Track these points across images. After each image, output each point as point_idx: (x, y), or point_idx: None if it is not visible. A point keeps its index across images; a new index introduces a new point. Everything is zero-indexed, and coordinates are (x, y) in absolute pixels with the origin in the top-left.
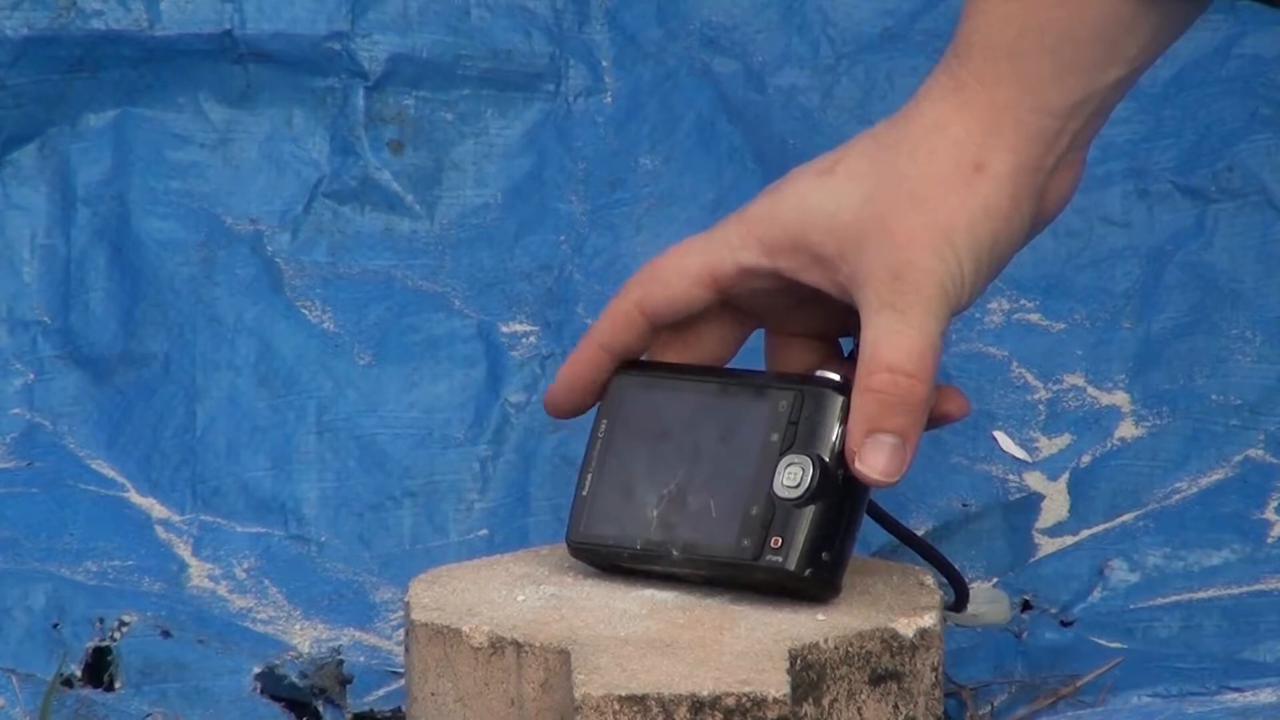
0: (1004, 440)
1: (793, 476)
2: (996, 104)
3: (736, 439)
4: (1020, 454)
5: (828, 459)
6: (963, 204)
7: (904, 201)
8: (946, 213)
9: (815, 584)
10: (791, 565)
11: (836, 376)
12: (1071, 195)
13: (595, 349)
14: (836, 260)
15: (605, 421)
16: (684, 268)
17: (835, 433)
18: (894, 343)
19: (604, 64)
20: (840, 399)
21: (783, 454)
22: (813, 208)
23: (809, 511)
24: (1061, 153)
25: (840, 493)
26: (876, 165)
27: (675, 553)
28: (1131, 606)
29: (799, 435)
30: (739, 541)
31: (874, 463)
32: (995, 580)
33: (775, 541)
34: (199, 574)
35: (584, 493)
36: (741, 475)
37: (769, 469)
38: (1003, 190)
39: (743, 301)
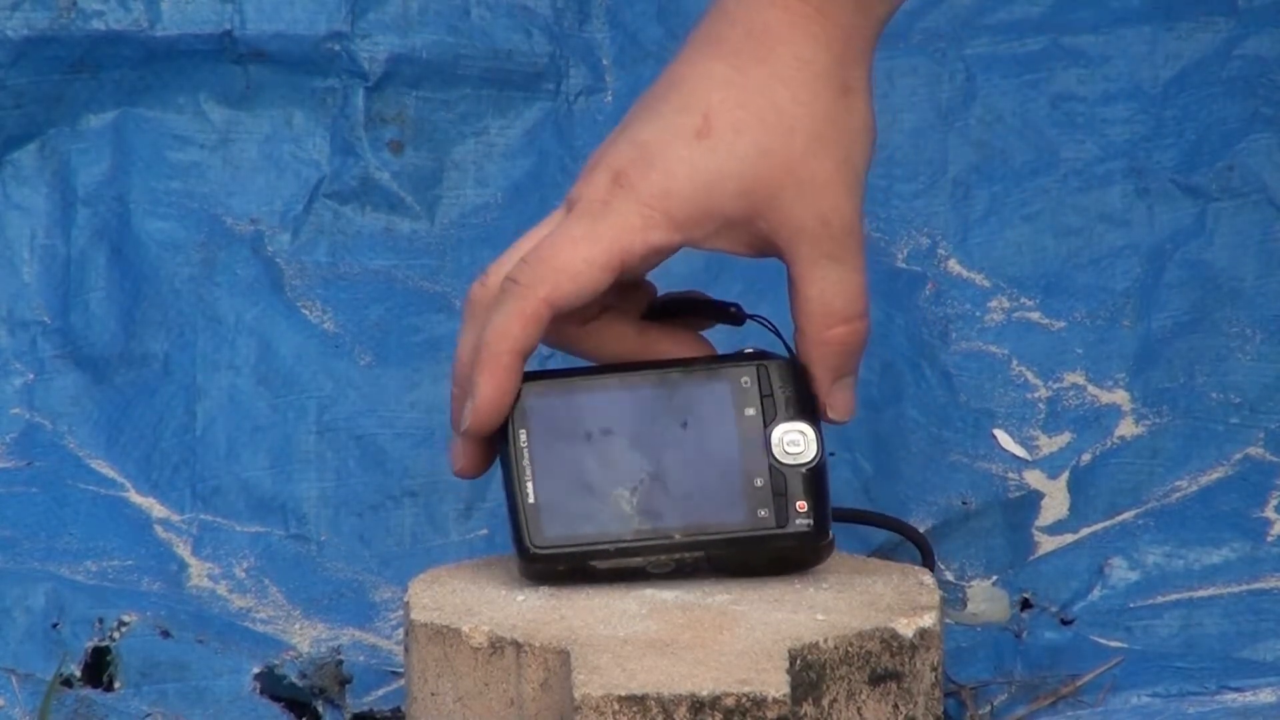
0: (1003, 438)
1: (795, 444)
2: (842, 27)
3: (704, 422)
4: (1020, 452)
5: (815, 425)
6: (852, 132)
7: (805, 146)
8: (844, 146)
9: (829, 545)
10: (821, 526)
11: (778, 352)
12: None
13: (515, 357)
14: (752, 220)
15: (523, 432)
16: (590, 257)
17: (812, 399)
18: (842, 292)
19: (604, 63)
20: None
21: (768, 425)
22: (711, 172)
23: (820, 475)
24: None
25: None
26: (757, 113)
27: (677, 536)
28: (1131, 605)
29: (780, 406)
30: (754, 513)
31: (842, 406)
32: (995, 578)
33: (800, 506)
34: (199, 574)
35: (531, 501)
36: (726, 453)
37: (759, 442)
38: (866, 106)
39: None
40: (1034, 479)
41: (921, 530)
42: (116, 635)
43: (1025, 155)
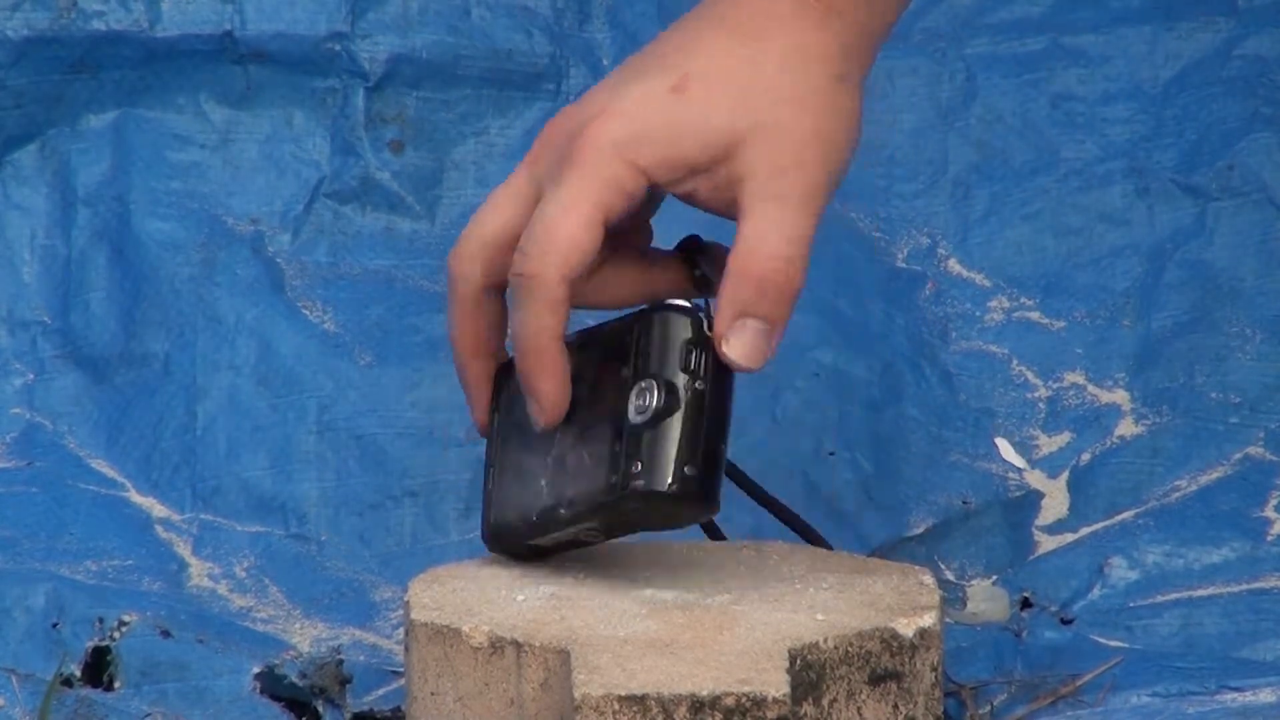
0: (1004, 447)
1: (642, 401)
2: (848, 24)
3: (599, 388)
4: (1020, 462)
5: (672, 377)
6: (838, 111)
7: (785, 108)
8: (827, 119)
9: (684, 499)
10: (655, 485)
11: (683, 301)
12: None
13: (558, 344)
14: (716, 167)
15: (496, 417)
16: (586, 219)
17: (678, 350)
18: (778, 229)
19: (605, 63)
20: (684, 318)
21: (633, 383)
22: (680, 122)
23: (661, 430)
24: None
25: (695, 406)
26: (740, 79)
27: (563, 511)
28: (1131, 604)
29: (644, 363)
30: (609, 480)
31: (739, 346)
32: (995, 578)
33: (635, 466)
34: (199, 573)
35: (489, 487)
36: (605, 419)
37: (624, 403)
38: (858, 102)
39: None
40: (1034, 479)
41: (921, 530)
42: (116, 635)
43: (1025, 155)
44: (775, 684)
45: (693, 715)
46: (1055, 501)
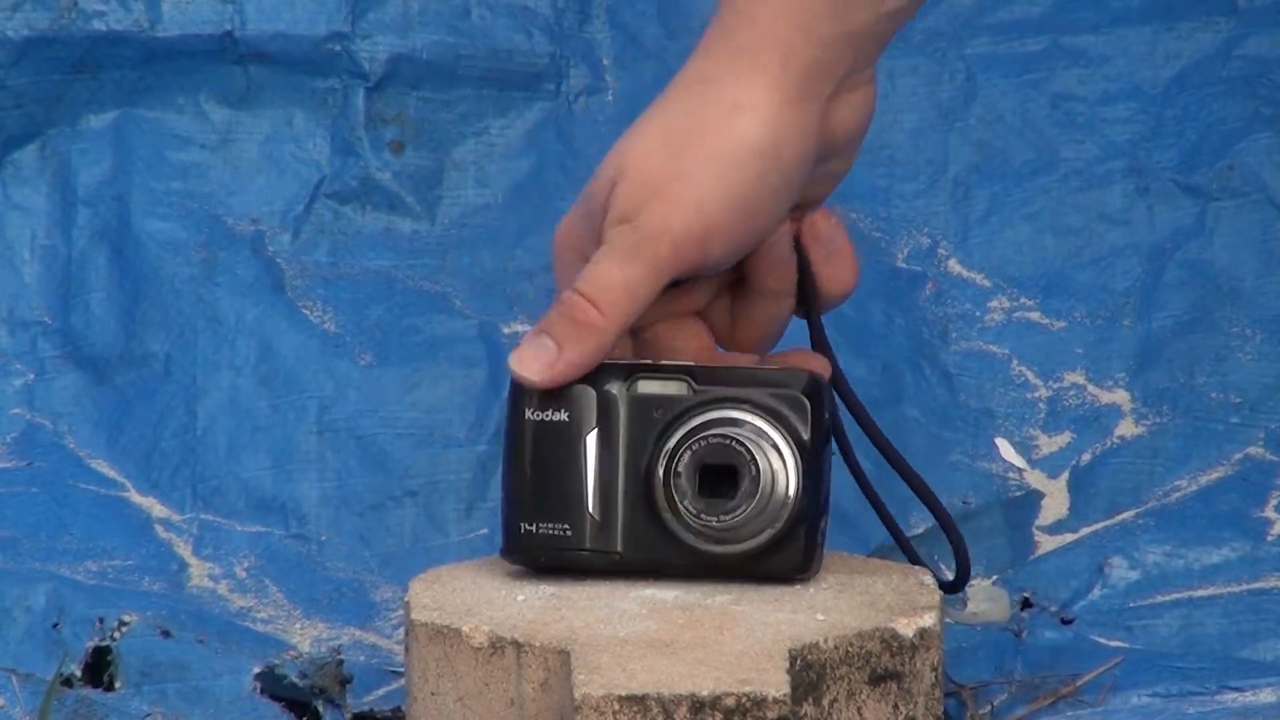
0: (1004, 447)
1: None
2: (765, 44)
3: None
4: (1020, 462)
5: None
6: (720, 149)
7: (660, 150)
8: (700, 160)
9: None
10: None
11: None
12: (865, 118)
13: None
14: (600, 208)
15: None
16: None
17: None
18: (593, 273)
19: (605, 63)
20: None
21: None
22: (592, 181)
23: None
24: (839, 79)
25: None
26: (645, 123)
27: None
28: (1131, 604)
29: None
30: None
31: (524, 360)
32: (995, 578)
33: None
34: (199, 573)
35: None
36: None
37: None
38: (766, 127)
39: None
40: (1034, 479)
41: (921, 531)
42: (117, 635)
43: (1025, 155)
44: (775, 684)
45: (693, 715)
46: (1055, 501)
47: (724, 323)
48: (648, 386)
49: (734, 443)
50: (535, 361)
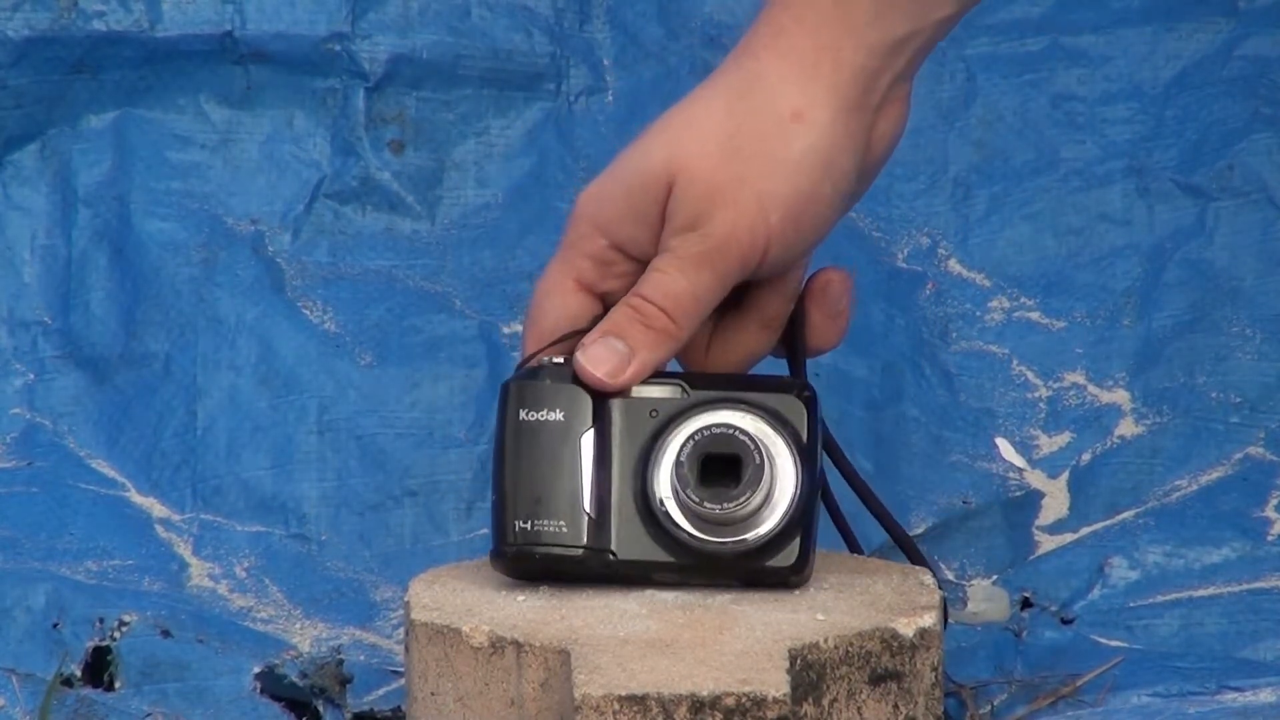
0: (1004, 447)
1: None
2: (817, 47)
3: None
4: (1020, 462)
5: None
6: (781, 157)
7: (717, 154)
8: (760, 167)
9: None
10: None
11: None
12: (899, 131)
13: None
14: (652, 212)
15: None
16: (561, 287)
17: None
18: (659, 282)
19: (605, 63)
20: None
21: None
22: (633, 170)
23: None
24: (885, 89)
25: None
26: (677, 116)
27: None
28: (1131, 604)
29: None
30: None
31: (596, 360)
32: (995, 578)
33: None
34: (199, 573)
35: None
36: None
37: None
38: (824, 137)
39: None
40: (1034, 478)
41: (921, 530)
42: (117, 635)
43: (1025, 155)
44: (775, 684)
45: (693, 715)
46: (1055, 501)
47: (700, 343)
48: (642, 389)
49: (738, 433)
50: (607, 363)
